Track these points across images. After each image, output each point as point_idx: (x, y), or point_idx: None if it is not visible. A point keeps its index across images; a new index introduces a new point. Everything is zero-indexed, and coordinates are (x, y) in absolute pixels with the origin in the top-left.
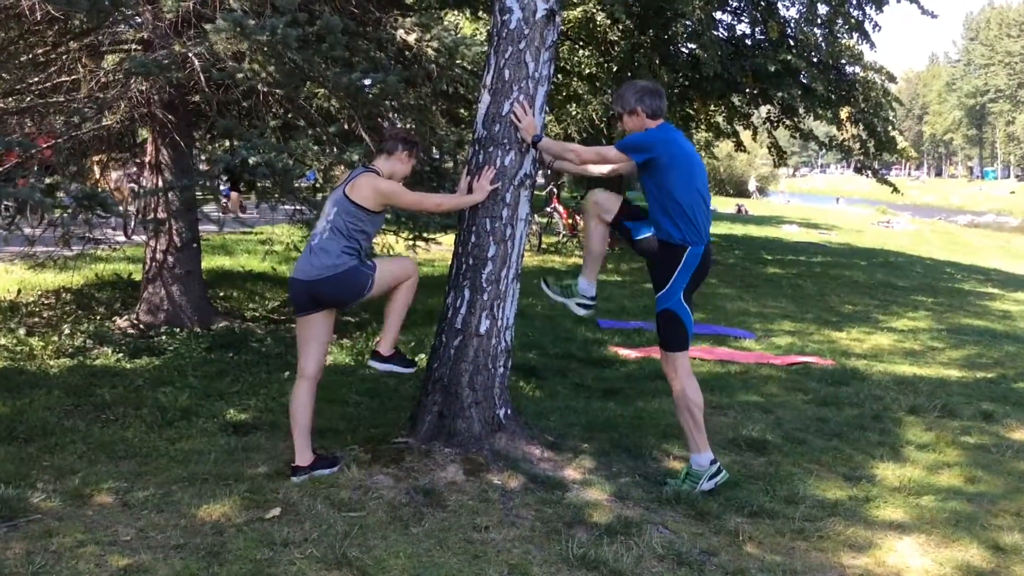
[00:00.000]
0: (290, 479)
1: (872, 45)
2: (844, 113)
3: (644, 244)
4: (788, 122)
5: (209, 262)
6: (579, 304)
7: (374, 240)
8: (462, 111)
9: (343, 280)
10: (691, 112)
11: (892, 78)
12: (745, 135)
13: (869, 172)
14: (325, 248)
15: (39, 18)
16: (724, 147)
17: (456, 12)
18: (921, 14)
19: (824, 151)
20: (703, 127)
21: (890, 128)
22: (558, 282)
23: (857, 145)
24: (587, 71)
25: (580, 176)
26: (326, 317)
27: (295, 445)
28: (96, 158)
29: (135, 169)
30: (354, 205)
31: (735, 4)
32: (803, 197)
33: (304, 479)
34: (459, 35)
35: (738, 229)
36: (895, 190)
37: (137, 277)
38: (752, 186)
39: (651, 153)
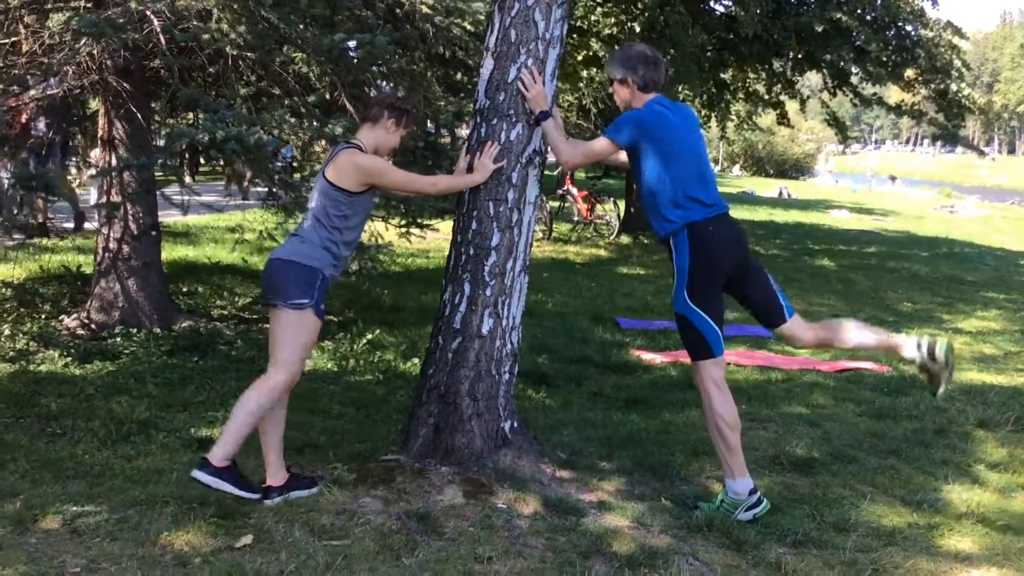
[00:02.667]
0: (263, 502)
1: (934, 2)
2: (911, 73)
3: None
4: (847, 89)
5: (170, 253)
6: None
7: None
8: (461, 78)
9: (294, 271)
10: (726, 79)
11: (961, 34)
12: (791, 106)
13: (949, 139)
14: (306, 237)
15: None
16: (766, 119)
17: None
18: None
19: (878, 126)
20: (740, 97)
21: (964, 85)
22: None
23: (933, 109)
24: (606, 31)
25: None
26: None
27: (265, 462)
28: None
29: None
30: (334, 187)
31: None
32: (855, 177)
33: (278, 501)
34: None
35: (780, 215)
36: (982, 154)
37: (88, 270)
38: (824, 165)
39: (632, 133)
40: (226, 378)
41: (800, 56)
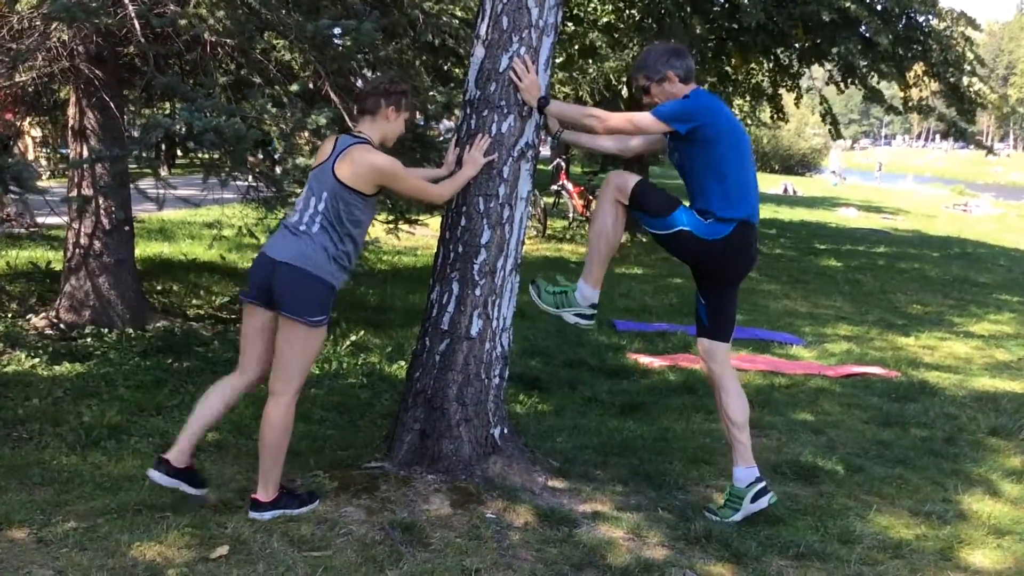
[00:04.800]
0: (249, 514)
1: None
2: (919, 69)
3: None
4: (856, 83)
5: (144, 249)
6: (577, 315)
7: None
8: (451, 67)
9: (312, 286)
10: (728, 71)
11: (975, 25)
12: (787, 100)
13: (958, 135)
14: (316, 241)
15: None
16: (764, 114)
17: None
18: None
19: (888, 121)
20: (742, 90)
21: (976, 80)
22: (550, 286)
23: (942, 103)
24: (604, 20)
25: (593, 152)
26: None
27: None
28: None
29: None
30: (348, 190)
31: None
32: (862, 174)
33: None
34: None
35: (785, 212)
36: (991, 152)
37: (57, 267)
38: (834, 164)
39: (696, 122)
40: (202, 380)
41: (807, 47)
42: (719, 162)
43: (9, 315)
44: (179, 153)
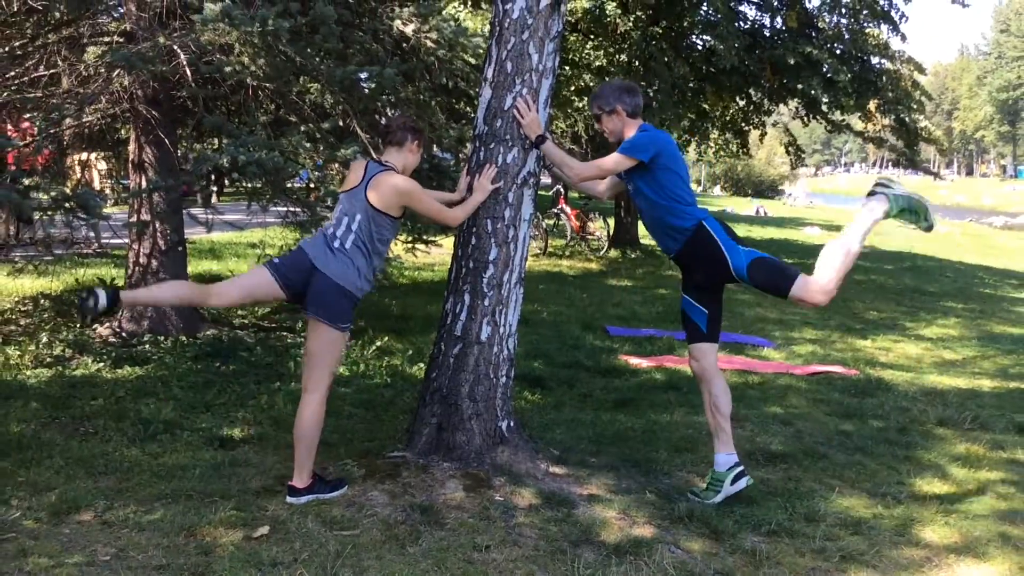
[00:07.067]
0: (286, 499)
1: (903, 37)
2: (873, 104)
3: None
4: (818, 117)
5: (196, 267)
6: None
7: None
8: (463, 106)
9: (345, 299)
10: (705, 108)
11: (921, 69)
12: (753, 134)
13: (909, 163)
14: (351, 259)
15: (16, 8)
16: (732, 148)
17: (456, 2)
18: (951, 3)
19: (847, 150)
20: (717, 125)
21: (919, 118)
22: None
23: (893, 137)
24: (596, 64)
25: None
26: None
27: (296, 463)
28: (76, 157)
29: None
30: (380, 213)
31: None
32: (825, 198)
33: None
34: (459, 26)
35: (757, 231)
36: (937, 176)
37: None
38: (795, 190)
39: (654, 150)
40: (246, 381)
41: (775, 86)
42: (678, 181)
43: (77, 325)
44: (226, 183)
